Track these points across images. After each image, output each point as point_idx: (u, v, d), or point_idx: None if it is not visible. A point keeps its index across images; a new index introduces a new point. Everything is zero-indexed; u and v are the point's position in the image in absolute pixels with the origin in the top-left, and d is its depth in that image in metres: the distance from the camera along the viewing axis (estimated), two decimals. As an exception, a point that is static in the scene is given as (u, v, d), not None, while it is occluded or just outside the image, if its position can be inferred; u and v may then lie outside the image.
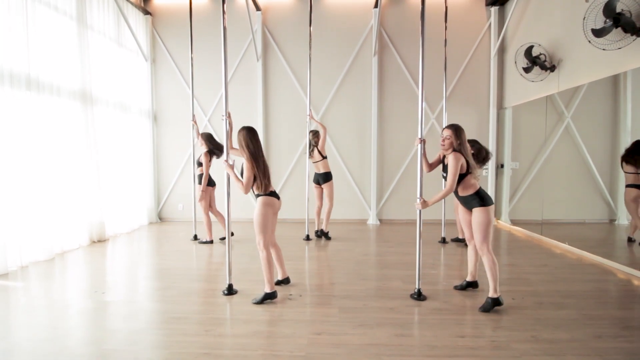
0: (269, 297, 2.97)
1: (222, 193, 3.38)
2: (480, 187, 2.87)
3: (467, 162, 2.81)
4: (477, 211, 2.80)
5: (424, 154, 3.04)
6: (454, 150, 2.82)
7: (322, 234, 5.18)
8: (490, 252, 2.78)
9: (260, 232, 2.94)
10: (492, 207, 2.82)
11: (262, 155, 2.93)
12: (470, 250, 3.20)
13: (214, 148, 4.71)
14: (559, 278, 3.56)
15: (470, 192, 2.84)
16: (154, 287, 3.38)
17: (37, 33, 4.09)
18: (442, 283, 3.43)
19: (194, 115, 5.19)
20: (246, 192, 2.93)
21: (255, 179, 2.91)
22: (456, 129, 2.85)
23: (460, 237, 4.93)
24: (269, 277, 2.98)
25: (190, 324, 2.62)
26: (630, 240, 4.01)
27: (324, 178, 5.00)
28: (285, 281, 3.37)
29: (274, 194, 3.00)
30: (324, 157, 4.95)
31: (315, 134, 5.03)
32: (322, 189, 5.05)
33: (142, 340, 2.39)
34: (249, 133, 2.91)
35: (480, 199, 2.81)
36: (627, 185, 3.93)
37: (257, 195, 2.98)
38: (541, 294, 3.15)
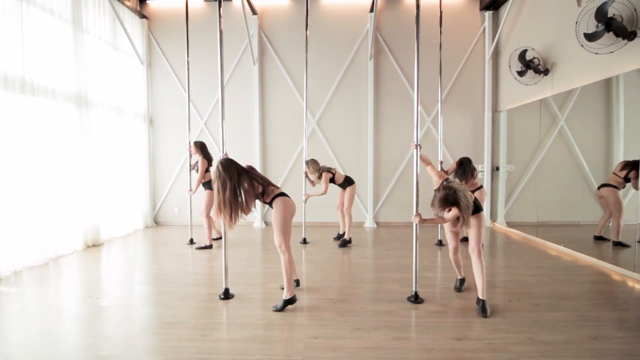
0: (290, 302, 2.87)
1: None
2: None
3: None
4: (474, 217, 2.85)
5: (421, 158, 3.14)
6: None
7: (344, 243, 4.98)
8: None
9: (281, 234, 2.81)
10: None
11: (244, 175, 2.74)
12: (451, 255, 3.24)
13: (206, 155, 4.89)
14: (555, 280, 3.59)
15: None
16: (150, 292, 3.35)
17: (31, 36, 4.06)
18: (439, 286, 3.44)
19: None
20: (247, 213, 2.82)
21: (256, 197, 2.84)
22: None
23: (466, 235, 4.92)
24: (289, 282, 2.86)
25: (186, 328, 2.60)
26: (601, 238, 4.25)
27: (343, 184, 5.04)
28: (294, 283, 3.34)
29: (285, 194, 2.91)
30: (333, 174, 4.92)
31: (311, 166, 4.90)
32: (344, 191, 5.08)
33: (138, 346, 2.37)
34: (222, 177, 2.67)
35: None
36: (611, 185, 4.10)
37: (271, 201, 2.87)
38: (537, 295, 3.16)
